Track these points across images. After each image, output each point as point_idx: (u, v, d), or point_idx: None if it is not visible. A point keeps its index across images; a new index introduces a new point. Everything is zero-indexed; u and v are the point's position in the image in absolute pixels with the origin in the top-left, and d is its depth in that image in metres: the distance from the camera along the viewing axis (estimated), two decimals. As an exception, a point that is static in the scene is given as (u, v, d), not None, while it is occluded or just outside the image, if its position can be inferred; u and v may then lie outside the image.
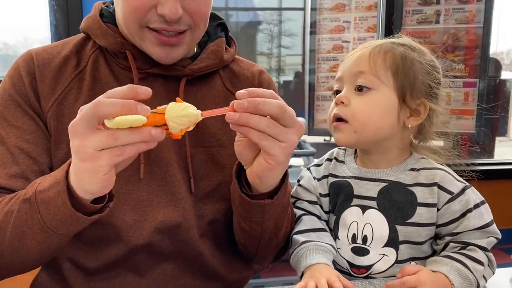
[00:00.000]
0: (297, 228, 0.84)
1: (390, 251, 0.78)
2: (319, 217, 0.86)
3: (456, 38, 2.66)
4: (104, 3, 0.92)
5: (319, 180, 0.87)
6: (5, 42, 3.26)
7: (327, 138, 3.52)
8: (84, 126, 0.58)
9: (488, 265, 0.75)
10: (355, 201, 0.81)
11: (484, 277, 0.74)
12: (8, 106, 0.82)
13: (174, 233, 0.83)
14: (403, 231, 0.78)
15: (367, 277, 0.80)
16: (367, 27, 2.80)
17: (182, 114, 0.58)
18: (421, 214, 0.77)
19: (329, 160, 0.89)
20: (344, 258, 0.81)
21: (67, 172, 0.65)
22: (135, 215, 0.81)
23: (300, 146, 2.41)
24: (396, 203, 0.78)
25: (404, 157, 0.82)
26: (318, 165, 0.90)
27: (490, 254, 0.76)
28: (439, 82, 0.81)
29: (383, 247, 0.79)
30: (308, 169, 0.91)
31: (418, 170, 0.80)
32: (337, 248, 0.82)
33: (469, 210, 0.76)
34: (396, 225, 0.78)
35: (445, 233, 0.78)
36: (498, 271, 0.82)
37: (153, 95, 0.83)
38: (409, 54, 0.79)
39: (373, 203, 0.80)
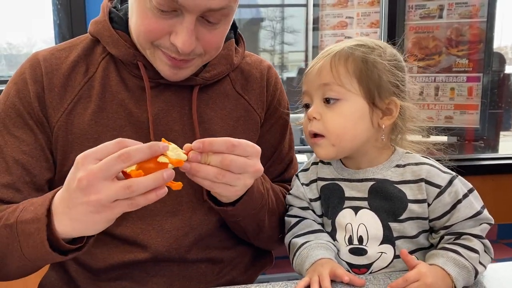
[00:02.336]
0: (294, 233, 0.85)
1: (388, 248, 0.79)
2: (313, 221, 0.87)
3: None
4: (110, 1, 0.88)
5: (307, 185, 0.87)
6: (8, 41, 3.27)
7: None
8: (105, 178, 0.56)
9: (485, 251, 0.76)
10: (347, 203, 0.82)
11: (481, 263, 0.74)
12: (10, 114, 0.80)
13: (181, 241, 0.83)
14: (396, 228, 0.78)
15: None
16: (370, 23, 2.80)
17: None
18: (412, 211, 0.78)
19: (315, 163, 0.89)
20: (344, 260, 0.81)
21: (48, 209, 0.64)
22: (142, 225, 0.82)
23: (303, 142, 2.41)
24: (387, 200, 0.79)
25: (387, 154, 0.83)
26: (305, 170, 0.90)
27: (486, 241, 0.76)
28: (403, 78, 0.81)
29: (379, 245, 0.79)
30: (297, 175, 0.91)
31: (404, 166, 0.80)
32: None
33: (459, 201, 0.76)
34: (389, 223, 0.79)
35: (439, 226, 0.79)
36: (502, 265, 0.82)
37: (165, 103, 0.83)
38: (369, 55, 0.78)
39: (365, 203, 0.80)
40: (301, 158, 2.83)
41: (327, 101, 0.78)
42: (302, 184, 0.88)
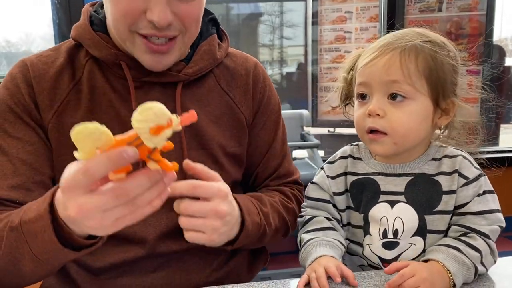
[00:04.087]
0: (304, 229, 0.85)
1: (418, 240, 0.79)
2: (327, 218, 0.86)
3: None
4: (92, 5, 0.89)
5: (333, 178, 0.86)
6: (7, 39, 3.26)
7: (331, 129, 3.52)
8: (81, 193, 0.55)
9: (490, 254, 0.76)
10: (383, 197, 0.81)
11: (483, 264, 0.74)
12: (8, 118, 0.80)
13: (178, 235, 0.82)
14: (430, 220, 0.79)
15: None
16: (369, 17, 2.79)
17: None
18: (447, 202, 0.78)
19: (344, 157, 0.87)
20: (375, 254, 0.81)
21: (50, 205, 0.62)
22: (139, 221, 0.82)
23: (304, 138, 2.41)
24: (424, 194, 0.79)
25: (425, 148, 0.83)
26: (331, 163, 0.89)
27: (492, 243, 0.76)
28: (457, 77, 0.80)
29: (412, 236, 0.80)
30: (322, 168, 0.90)
31: (440, 159, 0.81)
32: (368, 244, 0.82)
33: (478, 195, 0.78)
34: (425, 215, 0.79)
35: (454, 213, 0.79)
36: (503, 259, 0.82)
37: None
38: (438, 53, 0.76)
39: (401, 197, 0.80)
40: (301, 153, 2.83)
41: (392, 97, 0.76)
42: (328, 176, 0.87)
